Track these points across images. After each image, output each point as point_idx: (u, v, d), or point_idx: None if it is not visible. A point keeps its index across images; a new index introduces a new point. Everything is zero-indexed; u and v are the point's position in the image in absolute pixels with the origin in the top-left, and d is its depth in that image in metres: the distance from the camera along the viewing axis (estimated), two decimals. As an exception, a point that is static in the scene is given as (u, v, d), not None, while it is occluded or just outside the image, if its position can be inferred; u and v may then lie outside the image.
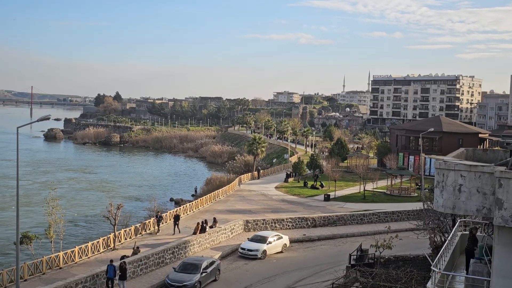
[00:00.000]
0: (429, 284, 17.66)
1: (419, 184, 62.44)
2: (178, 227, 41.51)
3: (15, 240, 23.43)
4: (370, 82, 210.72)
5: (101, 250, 35.41)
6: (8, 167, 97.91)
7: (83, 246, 34.33)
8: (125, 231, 39.00)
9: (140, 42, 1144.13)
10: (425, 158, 68.35)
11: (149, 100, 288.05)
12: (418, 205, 42.92)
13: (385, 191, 63.79)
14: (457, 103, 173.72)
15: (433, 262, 18.83)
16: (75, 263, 32.87)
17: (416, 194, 61.09)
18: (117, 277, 27.95)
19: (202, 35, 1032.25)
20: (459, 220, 26.31)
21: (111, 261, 28.64)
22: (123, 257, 31.32)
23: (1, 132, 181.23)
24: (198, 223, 39.28)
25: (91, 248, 34.66)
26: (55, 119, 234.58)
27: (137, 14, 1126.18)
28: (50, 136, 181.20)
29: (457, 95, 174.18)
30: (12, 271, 28.04)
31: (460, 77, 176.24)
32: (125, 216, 47.68)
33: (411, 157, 79.53)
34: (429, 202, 34.85)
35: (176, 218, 41.75)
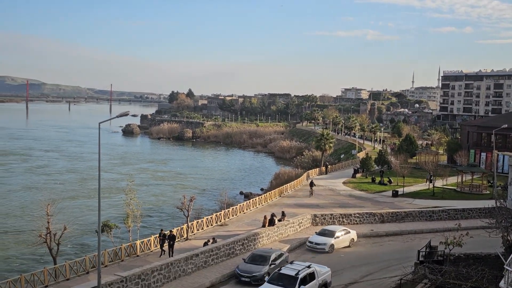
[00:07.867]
0: (502, 283, 16.97)
1: (491, 182, 59.77)
2: (172, 250, 33.02)
3: (97, 228, 24.47)
4: (440, 77, 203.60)
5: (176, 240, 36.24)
6: (95, 159, 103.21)
7: (158, 235, 35.22)
8: (197, 222, 39.80)
9: (210, 40, 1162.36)
10: (498, 155, 65.28)
11: (219, 97, 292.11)
12: (490, 203, 41.15)
13: (455, 188, 61.57)
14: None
15: (506, 261, 18.09)
16: (151, 251, 33.89)
17: (488, 192, 58.53)
18: None
19: (270, 32, 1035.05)
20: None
21: None
22: None
23: (85, 127, 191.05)
24: (265, 216, 39.51)
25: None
26: (132, 115, 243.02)
27: (204, 13, 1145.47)
28: (127, 131, 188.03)
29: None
30: (94, 257, 29.37)
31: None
32: (197, 208, 48.82)
33: (483, 154, 76.22)
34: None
35: (172, 238, 33.54)
